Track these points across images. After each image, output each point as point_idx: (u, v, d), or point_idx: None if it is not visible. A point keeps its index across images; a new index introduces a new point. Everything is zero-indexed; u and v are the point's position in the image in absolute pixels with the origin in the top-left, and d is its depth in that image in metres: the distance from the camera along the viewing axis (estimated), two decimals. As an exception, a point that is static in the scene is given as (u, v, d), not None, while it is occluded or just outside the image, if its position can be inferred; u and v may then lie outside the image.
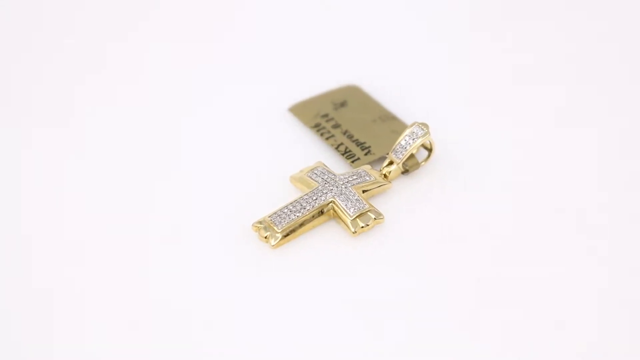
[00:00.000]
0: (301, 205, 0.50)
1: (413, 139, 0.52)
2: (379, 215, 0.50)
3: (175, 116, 0.57)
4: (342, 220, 0.50)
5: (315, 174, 0.52)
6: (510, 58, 0.60)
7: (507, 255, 0.49)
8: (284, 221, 0.50)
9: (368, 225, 0.50)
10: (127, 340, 0.46)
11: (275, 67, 0.60)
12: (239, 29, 0.63)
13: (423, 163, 0.53)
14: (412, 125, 0.52)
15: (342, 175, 0.52)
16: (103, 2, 0.64)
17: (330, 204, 0.50)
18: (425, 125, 0.52)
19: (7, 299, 0.48)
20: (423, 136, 0.52)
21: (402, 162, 0.52)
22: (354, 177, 0.51)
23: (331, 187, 0.51)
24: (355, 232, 0.49)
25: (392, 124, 0.55)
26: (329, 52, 0.61)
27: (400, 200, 0.52)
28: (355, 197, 0.50)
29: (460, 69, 0.59)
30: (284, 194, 0.52)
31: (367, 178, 0.51)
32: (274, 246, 0.49)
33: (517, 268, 0.48)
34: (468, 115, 0.56)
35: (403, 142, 0.52)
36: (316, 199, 0.50)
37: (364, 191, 0.51)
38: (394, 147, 0.52)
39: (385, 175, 0.52)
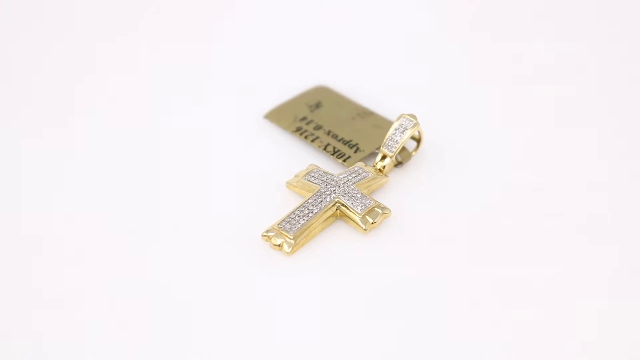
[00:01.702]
0: (308, 209, 0.50)
1: (403, 131, 0.53)
2: (385, 210, 0.50)
3: (154, 136, 0.56)
4: (351, 219, 0.50)
5: (313, 176, 0.52)
6: (477, 54, 0.61)
7: (507, 253, 0.49)
8: (295, 227, 0.50)
9: (376, 221, 0.50)
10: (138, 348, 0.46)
11: (236, 76, 0.60)
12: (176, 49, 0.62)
13: (413, 153, 0.54)
14: (400, 118, 0.53)
15: (340, 174, 0.52)
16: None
17: (337, 204, 0.50)
18: (413, 116, 0.53)
19: (7, 298, 0.47)
20: (413, 127, 0.53)
21: (395, 155, 0.53)
22: (353, 175, 0.52)
23: (333, 188, 0.51)
24: (366, 229, 0.50)
25: (372, 119, 0.56)
26: (282, 55, 0.61)
27: (397, 192, 0.53)
28: (359, 195, 0.51)
29: (418, 65, 0.61)
30: (283, 201, 0.52)
31: (365, 175, 0.52)
32: (289, 253, 0.49)
33: (518, 268, 0.49)
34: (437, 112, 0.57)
35: (394, 136, 0.53)
36: (321, 201, 0.50)
37: (365, 188, 0.51)
38: (384, 141, 0.53)
39: (380, 170, 0.53)
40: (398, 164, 0.53)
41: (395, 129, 0.53)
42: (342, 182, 0.51)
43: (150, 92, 0.58)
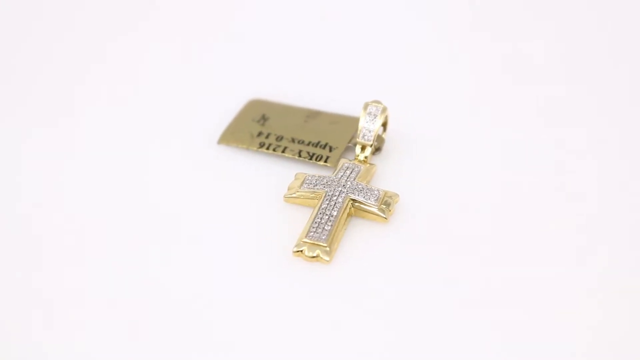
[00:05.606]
0: (327, 214, 0.50)
1: (373, 119, 0.54)
2: (394, 196, 0.51)
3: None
4: (368, 212, 0.51)
5: (312, 183, 0.51)
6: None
7: (506, 251, 0.50)
8: (324, 234, 0.49)
9: (392, 208, 0.51)
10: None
11: (168, 110, 0.58)
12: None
13: (384, 135, 0.55)
14: (367, 107, 0.54)
15: (336, 175, 0.52)
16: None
17: (349, 202, 0.51)
18: (378, 101, 0.54)
19: (7, 299, 0.47)
20: (382, 112, 0.54)
21: (373, 143, 0.53)
22: (348, 171, 0.52)
23: (339, 188, 0.51)
24: (386, 217, 0.50)
25: (324, 118, 0.56)
26: (198, 78, 0.60)
27: (386, 178, 0.53)
28: (366, 188, 0.51)
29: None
30: (287, 216, 0.51)
31: (358, 168, 0.52)
32: (328, 261, 0.49)
33: (517, 267, 0.49)
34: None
35: (366, 125, 0.53)
36: (335, 203, 0.50)
37: (363, 180, 0.52)
38: (358, 132, 0.53)
39: (364, 161, 0.53)
40: (377, 150, 0.54)
41: (366, 119, 0.53)
42: (344, 180, 0.51)
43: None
